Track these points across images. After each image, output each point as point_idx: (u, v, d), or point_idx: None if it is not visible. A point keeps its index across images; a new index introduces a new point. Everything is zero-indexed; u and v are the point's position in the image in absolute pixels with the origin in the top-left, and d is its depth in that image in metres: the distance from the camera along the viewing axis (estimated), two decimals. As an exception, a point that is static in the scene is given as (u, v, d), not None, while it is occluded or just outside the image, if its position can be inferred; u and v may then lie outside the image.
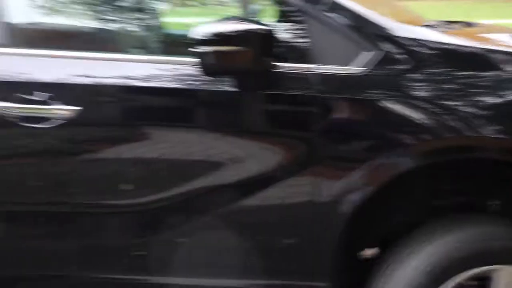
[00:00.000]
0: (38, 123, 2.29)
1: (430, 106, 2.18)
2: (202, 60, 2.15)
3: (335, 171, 2.24)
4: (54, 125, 2.28)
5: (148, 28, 2.86)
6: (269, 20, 2.38)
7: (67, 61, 2.35)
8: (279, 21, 2.35)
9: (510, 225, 2.30)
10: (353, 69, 2.21)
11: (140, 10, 2.77)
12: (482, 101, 2.19)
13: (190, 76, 2.27)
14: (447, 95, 2.19)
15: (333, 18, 2.25)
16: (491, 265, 2.23)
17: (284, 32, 2.28)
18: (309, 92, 2.22)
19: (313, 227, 2.26)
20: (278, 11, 2.40)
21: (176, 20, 3.19)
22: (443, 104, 2.18)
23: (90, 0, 2.74)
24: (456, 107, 2.18)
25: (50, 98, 2.28)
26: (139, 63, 2.36)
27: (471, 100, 2.18)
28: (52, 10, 2.70)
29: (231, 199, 2.28)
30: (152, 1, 2.91)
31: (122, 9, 2.73)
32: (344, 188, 2.21)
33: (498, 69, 2.23)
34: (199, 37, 2.14)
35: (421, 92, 2.19)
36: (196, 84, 2.26)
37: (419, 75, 2.21)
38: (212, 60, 2.14)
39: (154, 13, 2.94)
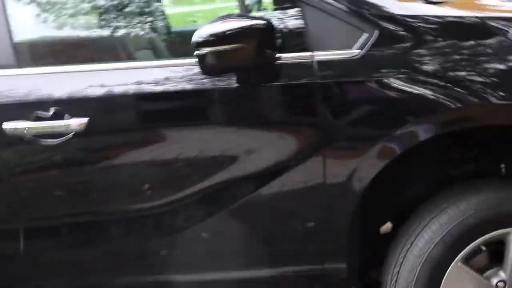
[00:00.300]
0: (56, 138, 2.34)
1: (436, 79, 2.21)
2: (203, 61, 2.19)
3: (344, 151, 2.29)
4: (72, 137, 2.33)
5: (155, 29, 2.89)
6: (266, 10, 2.40)
7: (75, 75, 2.40)
8: (275, 9, 2.37)
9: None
10: (355, 51, 2.24)
11: (144, 12, 2.79)
12: (487, 70, 2.21)
13: (197, 76, 2.30)
14: (453, 67, 2.22)
15: (329, 2, 2.27)
16: (504, 228, 2.30)
17: (282, 21, 2.31)
18: (313, 79, 2.25)
19: (326, 209, 2.32)
20: None
21: (181, 10, 3.20)
22: (449, 76, 2.21)
23: (91, 9, 2.77)
24: (462, 78, 2.20)
25: (65, 112, 2.33)
26: (147, 69, 2.41)
27: (477, 69, 2.21)
28: (55, 23, 2.73)
29: (249, 190, 2.34)
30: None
31: (125, 14, 2.74)
32: (353, 168, 2.26)
33: (500, 35, 2.24)
34: (198, 40, 2.17)
35: (427, 66, 2.22)
36: (205, 84, 2.31)
37: (423, 50, 2.23)
38: (213, 60, 2.18)
39: (159, 13, 2.96)
